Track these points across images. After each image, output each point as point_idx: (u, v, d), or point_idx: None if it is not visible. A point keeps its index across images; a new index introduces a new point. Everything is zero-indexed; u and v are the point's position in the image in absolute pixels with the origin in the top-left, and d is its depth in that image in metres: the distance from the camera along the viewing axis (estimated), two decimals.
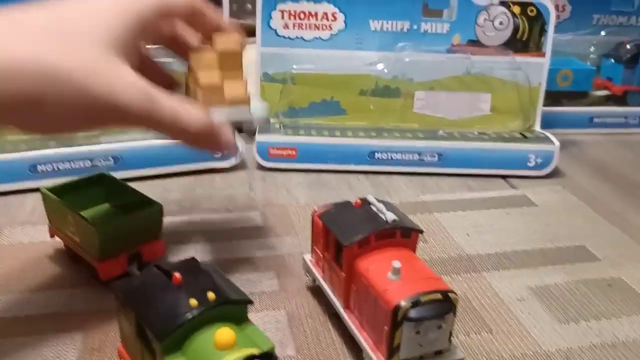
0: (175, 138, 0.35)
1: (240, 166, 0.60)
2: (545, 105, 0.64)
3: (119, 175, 0.47)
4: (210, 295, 0.28)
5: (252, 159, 0.61)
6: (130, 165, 0.55)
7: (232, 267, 0.43)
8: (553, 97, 0.70)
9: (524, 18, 0.62)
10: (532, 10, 0.62)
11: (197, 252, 0.45)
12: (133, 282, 0.30)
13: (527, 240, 0.49)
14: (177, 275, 0.29)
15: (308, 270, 0.41)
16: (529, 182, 0.59)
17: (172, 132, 0.34)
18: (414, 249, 0.36)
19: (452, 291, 0.31)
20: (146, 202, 0.41)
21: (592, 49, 0.75)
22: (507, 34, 0.62)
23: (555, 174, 0.61)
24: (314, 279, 0.40)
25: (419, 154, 0.60)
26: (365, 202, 0.37)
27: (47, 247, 0.45)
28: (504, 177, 0.60)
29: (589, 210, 0.55)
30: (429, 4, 0.61)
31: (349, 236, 0.34)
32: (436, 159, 0.60)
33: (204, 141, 0.35)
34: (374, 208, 0.36)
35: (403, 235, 0.35)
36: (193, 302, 0.27)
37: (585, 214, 0.54)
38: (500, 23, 0.62)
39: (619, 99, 0.74)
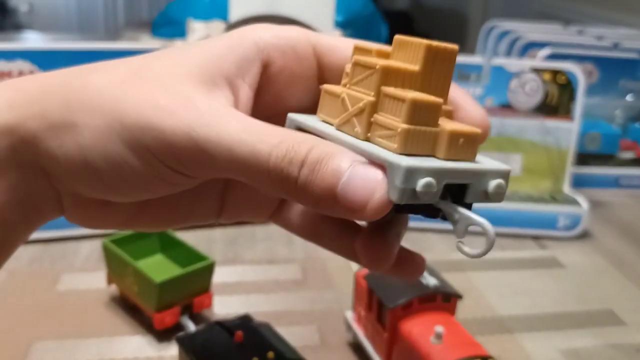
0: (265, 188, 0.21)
1: None
2: (573, 165, 0.66)
3: None
4: (270, 354, 0.30)
5: None
6: None
7: (274, 320, 0.45)
8: (581, 158, 0.73)
9: (553, 84, 0.65)
10: (562, 77, 0.65)
11: (240, 304, 0.48)
12: (196, 337, 0.33)
13: (557, 302, 0.51)
14: (239, 333, 0.31)
15: (349, 327, 0.43)
16: (558, 243, 0.61)
17: (253, 180, 0.21)
18: (453, 313, 0.38)
19: (491, 357, 0.33)
20: (200, 257, 0.44)
21: (618, 112, 0.77)
22: (537, 99, 0.65)
23: (583, 235, 0.63)
24: (355, 336, 0.42)
25: None
26: None
27: (103, 294, 0.48)
28: (534, 237, 0.62)
29: (617, 273, 0.56)
30: (463, 70, 0.65)
31: (393, 299, 0.37)
32: None
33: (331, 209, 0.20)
34: None
35: (444, 299, 0.37)
36: None
37: (613, 276, 0.56)
38: (531, 89, 0.65)
39: None
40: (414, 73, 0.21)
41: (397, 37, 0.22)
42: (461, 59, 0.66)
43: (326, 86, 0.23)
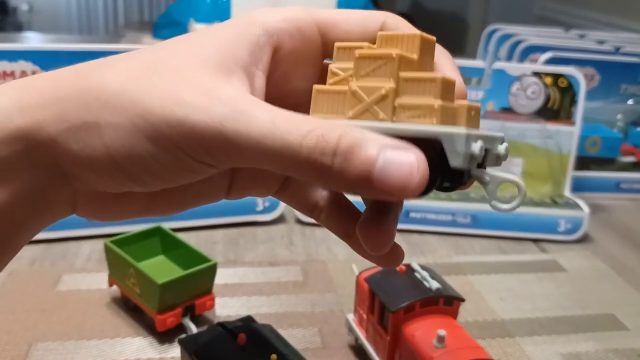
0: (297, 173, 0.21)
1: (280, 220, 0.63)
2: (574, 169, 0.66)
3: (168, 225, 0.50)
4: (273, 357, 0.30)
5: (291, 213, 0.64)
6: (180, 216, 0.58)
7: (275, 322, 0.45)
8: (582, 162, 0.73)
9: (555, 88, 0.65)
10: (563, 81, 0.65)
11: (242, 305, 0.48)
12: (199, 339, 0.33)
13: (558, 306, 0.51)
14: (242, 335, 0.31)
15: (351, 330, 0.43)
16: (559, 247, 0.61)
17: (276, 164, 0.21)
18: (455, 316, 0.38)
19: None
20: (202, 259, 0.44)
21: (619, 116, 0.77)
22: (539, 103, 0.65)
23: (584, 239, 0.63)
24: (357, 338, 0.42)
25: (452, 215, 0.62)
26: (409, 269, 0.40)
27: (104, 295, 0.48)
28: (534, 240, 0.62)
29: (618, 277, 0.56)
30: (464, 73, 0.65)
31: (395, 302, 0.37)
32: (469, 220, 0.62)
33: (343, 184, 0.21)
34: (418, 275, 0.39)
35: (446, 303, 0.37)
36: None
37: (614, 281, 0.56)
38: (533, 92, 0.65)
39: None
40: (415, 60, 0.23)
41: (380, 33, 0.24)
42: (462, 62, 0.66)
43: (318, 86, 0.24)
